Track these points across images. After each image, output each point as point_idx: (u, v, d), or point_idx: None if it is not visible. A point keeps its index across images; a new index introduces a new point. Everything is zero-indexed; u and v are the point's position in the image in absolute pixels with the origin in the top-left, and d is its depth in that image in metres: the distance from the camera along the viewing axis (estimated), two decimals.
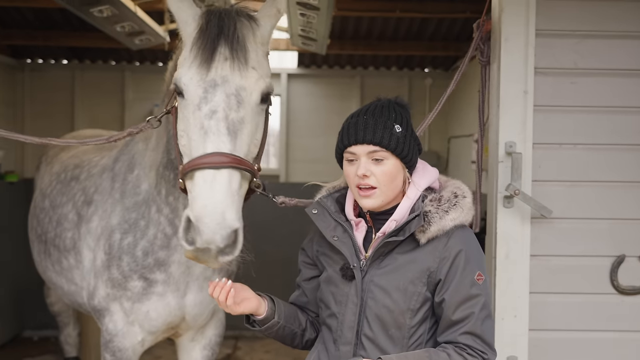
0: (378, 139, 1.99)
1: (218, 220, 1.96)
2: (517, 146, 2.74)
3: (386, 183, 2.01)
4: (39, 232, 3.63)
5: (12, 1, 5.48)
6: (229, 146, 2.07)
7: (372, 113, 2.05)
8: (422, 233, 1.99)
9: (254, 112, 2.16)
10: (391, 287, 2.00)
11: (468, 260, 1.98)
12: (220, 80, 2.13)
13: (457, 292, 1.96)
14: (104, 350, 2.96)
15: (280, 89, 7.19)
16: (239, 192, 2.07)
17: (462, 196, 2.05)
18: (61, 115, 6.92)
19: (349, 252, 2.06)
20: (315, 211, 2.14)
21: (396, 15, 5.85)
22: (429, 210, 2.01)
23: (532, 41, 2.73)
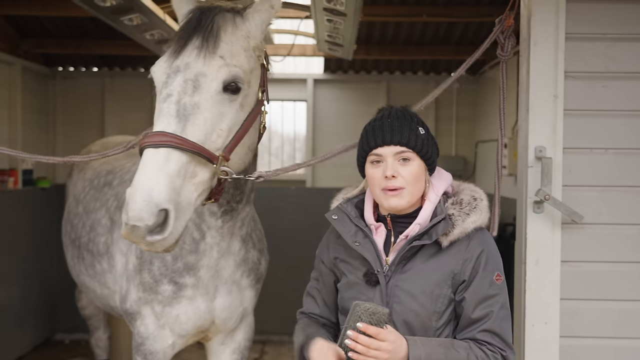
0: (405, 140, 2.03)
1: (144, 197, 1.95)
2: (547, 151, 2.71)
3: (413, 183, 2.04)
4: (73, 237, 3.69)
5: (45, 11, 5.60)
6: (174, 127, 2.07)
7: (396, 117, 2.09)
8: (444, 236, 2.02)
9: (214, 100, 2.16)
10: (417, 291, 2.02)
11: (488, 261, 2.03)
12: (183, 66, 2.17)
13: (477, 291, 2.01)
14: (136, 353, 2.99)
15: (307, 94, 7.21)
16: (182, 174, 2.04)
17: (480, 199, 2.11)
18: (91, 122, 7.04)
19: (371, 257, 2.07)
20: (335, 217, 2.17)
21: (423, 20, 5.83)
22: (452, 213, 2.06)
23: (561, 45, 2.70)
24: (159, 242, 2.00)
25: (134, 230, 1.95)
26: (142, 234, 1.96)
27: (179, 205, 2.03)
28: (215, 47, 2.18)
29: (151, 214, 1.94)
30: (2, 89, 6.05)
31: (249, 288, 3.04)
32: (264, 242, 3.19)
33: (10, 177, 5.93)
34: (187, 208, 2.08)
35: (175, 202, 2.01)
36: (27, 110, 6.43)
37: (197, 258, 2.83)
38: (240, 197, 2.72)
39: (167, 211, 1.98)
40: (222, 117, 2.19)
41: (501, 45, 2.59)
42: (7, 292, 5.77)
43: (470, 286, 2.01)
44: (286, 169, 2.44)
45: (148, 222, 1.94)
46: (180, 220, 2.04)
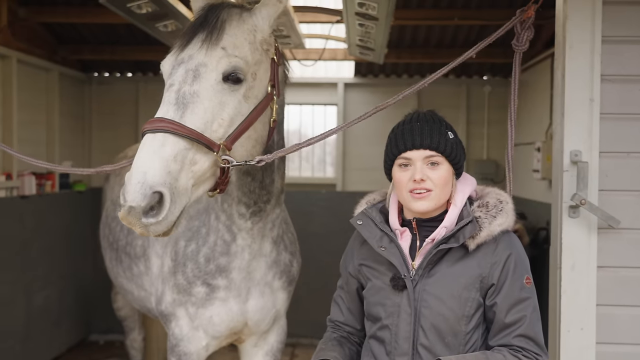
0: (435, 144, 2.04)
1: (139, 178, 1.97)
2: (582, 155, 2.68)
3: (441, 186, 2.05)
4: (111, 240, 3.76)
5: (82, 18, 5.73)
6: (172, 114, 2.11)
7: (425, 120, 2.09)
8: (471, 239, 2.02)
9: (215, 90, 2.19)
10: (445, 295, 2.02)
11: (517, 264, 2.02)
12: (187, 58, 2.22)
13: (509, 296, 1.99)
14: (170, 354, 3.04)
15: (337, 98, 7.22)
16: (179, 160, 2.05)
17: (506, 202, 2.10)
18: (126, 127, 7.15)
19: (398, 262, 2.07)
20: (360, 222, 2.17)
21: (454, 23, 5.81)
22: (478, 216, 2.05)
23: (598, 48, 2.67)
24: (153, 225, 2.01)
25: (131, 211, 1.97)
26: (137, 215, 1.97)
27: (176, 190, 2.04)
28: (218, 39, 2.23)
29: (144, 195, 1.96)
30: (40, 95, 6.20)
31: (281, 290, 3.06)
32: (296, 245, 3.20)
33: (47, 181, 6.06)
34: (183, 194, 2.08)
35: (171, 186, 2.02)
36: (64, 115, 6.57)
37: (229, 260, 2.86)
38: (268, 198, 2.74)
39: (161, 194, 1.99)
40: (223, 107, 2.21)
41: (517, 35, 2.54)
42: (44, 293, 5.90)
43: (501, 291, 2.00)
44: (285, 150, 2.42)
45: (141, 203, 1.95)
46: (176, 204, 2.04)
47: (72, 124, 6.83)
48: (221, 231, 2.85)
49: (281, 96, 2.58)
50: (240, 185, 2.68)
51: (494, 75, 7.17)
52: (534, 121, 6.07)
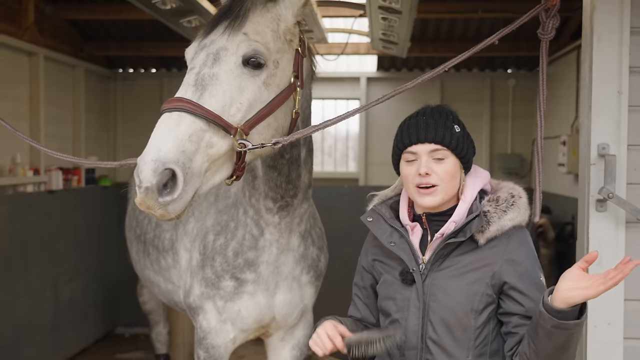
0: (440, 138, 2.03)
1: (152, 156, 1.93)
2: (610, 148, 2.64)
3: (447, 181, 2.03)
4: (138, 232, 3.80)
5: (107, 14, 5.79)
6: (190, 95, 2.09)
7: (431, 114, 2.08)
8: (480, 234, 2.00)
9: (234, 73, 2.17)
10: (454, 289, 2.00)
11: (531, 261, 2.02)
12: (208, 43, 2.21)
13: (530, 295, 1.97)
14: (198, 347, 3.06)
15: (360, 92, 7.21)
16: (194, 140, 2.02)
17: (519, 196, 2.07)
18: (150, 122, 7.00)
19: (407, 257, 2.07)
20: (370, 219, 2.17)
21: (478, 16, 5.75)
22: (487, 210, 2.03)
23: (626, 39, 2.62)
24: (170, 204, 1.97)
25: (147, 192, 1.93)
26: (155, 195, 1.93)
27: (190, 170, 2.01)
28: (240, 25, 2.23)
29: (156, 171, 1.92)
30: (67, 91, 6.29)
31: (309, 285, 3.07)
32: (323, 239, 3.21)
33: (74, 176, 6.15)
34: (197, 176, 2.05)
35: (184, 165, 1.98)
36: (90, 111, 6.66)
37: (257, 254, 2.87)
38: (295, 192, 2.74)
39: (173, 172, 1.96)
40: (242, 91, 2.19)
41: (542, 24, 2.49)
42: (71, 286, 6.00)
43: (522, 289, 1.98)
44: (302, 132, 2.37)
45: (153, 180, 1.91)
46: (189, 185, 2.01)
47: (97, 120, 6.92)
48: (249, 226, 2.87)
49: (306, 89, 2.58)
50: (266, 180, 2.69)
51: (519, 69, 7.10)
52: (560, 115, 6.00)
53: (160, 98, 7.25)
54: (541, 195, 2.26)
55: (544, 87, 2.35)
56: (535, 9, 2.43)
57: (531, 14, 2.45)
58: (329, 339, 1.99)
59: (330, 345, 1.99)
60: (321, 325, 2.06)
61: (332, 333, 2.00)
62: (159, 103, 7.21)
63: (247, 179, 2.78)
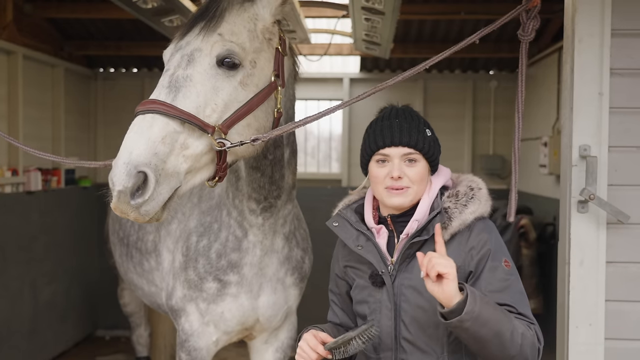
0: (414, 142, 2.06)
1: (124, 158, 1.93)
2: (591, 149, 2.65)
3: (418, 183, 2.07)
4: (121, 235, 3.75)
5: (88, 13, 5.73)
6: (164, 97, 2.08)
7: (404, 117, 2.10)
8: (444, 230, 2.01)
9: (208, 74, 2.16)
10: (423, 287, 1.98)
11: (494, 249, 2.01)
12: (184, 45, 2.21)
13: (491, 281, 1.98)
14: (180, 350, 3.03)
15: (343, 93, 7.20)
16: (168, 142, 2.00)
17: (478, 188, 2.10)
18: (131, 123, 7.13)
19: (375, 259, 2.08)
20: (336, 224, 2.19)
21: (461, 18, 5.77)
22: (448, 206, 2.05)
23: (607, 41, 2.64)
24: (141, 206, 1.96)
25: (120, 196, 1.93)
26: (127, 199, 1.93)
27: (163, 172, 1.99)
28: (216, 26, 2.22)
29: (129, 175, 1.92)
30: (46, 91, 6.20)
31: (293, 286, 3.05)
32: (308, 241, 3.19)
33: (53, 177, 6.07)
34: (173, 176, 2.03)
35: (157, 167, 1.97)
36: (70, 111, 6.57)
37: (240, 256, 2.85)
38: (278, 193, 2.72)
39: (145, 175, 1.95)
40: (217, 92, 2.18)
41: (523, 25, 2.49)
42: (50, 288, 5.91)
43: (481, 277, 1.99)
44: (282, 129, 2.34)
45: (127, 183, 1.91)
46: (163, 186, 2.00)
47: (77, 120, 6.84)
48: (233, 227, 2.85)
49: (289, 89, 2.56)
50: (249, 181, 2.67)
51: (500, 70, 7.13)
52: (541, 116, 6.04)
53: (142, 98, 7.17)
54: (517, 195, 2.26)
55: (522, 88, 2.37)
56: (516, 10, 2.43)
57: (512, 14, 2.44)
58: (312, 349, 2.02)
59: (315, 355, 2.01)
60: (302, 338, 2.08)
61: (314, 343, 2.02)
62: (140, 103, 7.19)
63: (231, 180, 2.76)
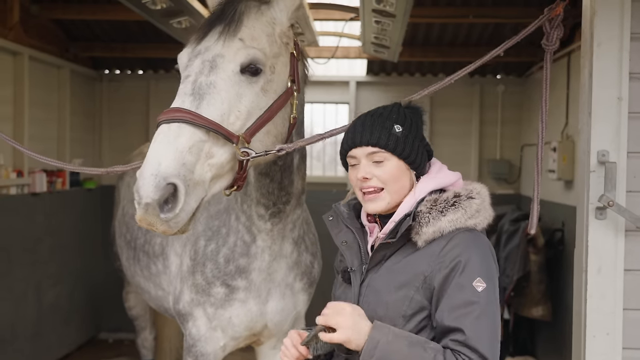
0: (375, 140, 1.93)
1: (152, 170, 1.88)
2: (610, 155, 2.60)
3: (391, 183, 1.95)
4: (129, 238, 3.72)
5: (94, 15, 5.69)
6: (189, 104, 2.04)
7: (372, 115, 2.00)
8: (417, 235, 1.90)
9: (232, 81, 2.12)
10: (384, 291, 1.92)
11: (467, 265, 1.84)
12: (203, 49, 2.16)
13: (452, 298, 1.83)
14: (187, 354, 2.99)
15: (349, 96, 7.16)
16: (195, 152, 1.97)
17: (467, 197, 1.94)
18: (136, 124, 7.12)
19: (350, 257, 2.02)
20: (330, 218, 2.12)
21: (469, 21, 5.74)
22: (420, 210, 1.91)
23: (626, 45, 2.59)
24: (172, 219, 1.92)
25: (148, 209, 1.88)
26: (156, 212, 1.88)
27: (191, 182, 1.96)
28: (235, 31, 2.17)
29: (157, 187, 1.87)
30: (52, 92, 6.17)
31: (302, 292, 3.01)
32: (317, 245, 3.15)
33: (58, 178, 6.04)
34: (200, 185, 2.00)
35: (185, 178, 1.93)
36: (75, 112, 6.54)
37: (249, 261, 2.81)
38: (287, 199, 2.69)
39: (175, 186, 1.91)
40: (240, 99, 2.14)
41: (547, 34, 2.46)
42: (54, 291, 5.88)
43: (445, 293, 1.84)
44: (307, 140, 2.35)
45: (155, 196, 1.86)
46: (192, 196, 1.96)
47: (83, 122, 6.81)
48: (241, 232, 2.81)
49: (301, 93, 2.52)
50: (258, 187, 2.63)
51: (508, 75, 7.09)
52: (550, 121, 5.95)
53: (147, 100, 7.16)
54: (539, 206, 2.21)
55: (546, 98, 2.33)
56: (539, 20, 2.42)
57: (536, 24, 2.44)
58: (293, 346, 1.95)
59: (295, 351, 1.94)
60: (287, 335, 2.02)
61: (295, 340, 1.96)
62: (146, 105, 7.19)
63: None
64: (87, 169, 2.73)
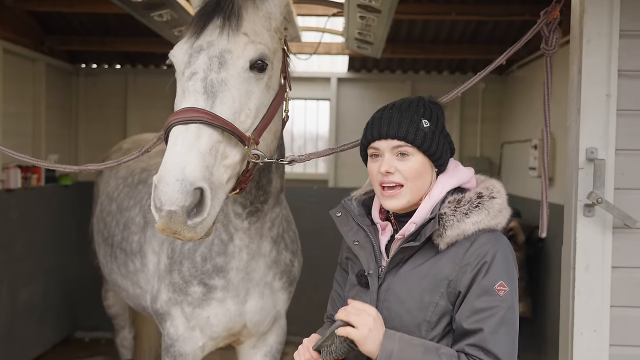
0: (403, 134, 1.87)
1: (177, 175, 1.81)
2: (598, 152, 2.60)
3: (413, 179, 1.88)
4: (106, 235, 3.64)
5: (71, 7, 5.56)
6: (203, 103, 1.98)
7: (399, 107, 1.93)
8: (440, 238, 1.83)
9: (242, 78, 2.08)
10: (407, 297, 1.86)
11: (490, 268, 1.79)
12: (206, 45, 2.09)
13: (473, 301, 1.79)
14: (165, 355, 2.95)
15: (330, 93, 7.13)
16: (214, 153, 1.93)
17: (489, 197, 1.87)
18: (114, 120, 7.00)
19: (365, 258, 1.94)
20: (339, 214, 2.05)
21: (452, 18, 5.73)
22: (444, 212, 1.85)
23: (615, 42, 2.59)
24: (200, 224, 1.86)
25: (172, 217, 1.80)
26: (182, 219, 1.81)
27: (213, 185, 1.91)
28: (238, 25, 2.11)
29: (186, 193, 1.80)
30: (27, 86, 6.02)
31: (281, 290, 2.97)
32: (297, 243, 3.11)
33: (33, 175, 5.90)
34: (219, 188, 1.96)
35: (209, 181, 1.89)
36: (51, 107, 6.40)
37: (226, 260, 2.77)
38: (265, 198, 2.64)
39: (202, 190, 1.85)
40: (250, 96, 2.10)
41: (545, 38, 2.47)
42: (28, 289, 5.75)
43: (468, 294, 1.80)
44: (319, 153, 2.34)
45: (185, 202, 1.79)
46: (215, 200, 1.92)
47: (58, 116, 6.66)
48: (218, 230, 2.75)
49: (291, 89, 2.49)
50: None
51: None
52: (531, 118, 6.02)
53: (125, 95, 7.04)
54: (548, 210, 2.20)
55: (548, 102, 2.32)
56: (537, 25, 2.44)
57: (535, 30, 2.47)
58: (306, 349, 1.90)
59: (308, 355, 1.89)
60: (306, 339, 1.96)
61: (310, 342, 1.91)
62: (123, 100, 7.06)
63: None
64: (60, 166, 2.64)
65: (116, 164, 2.61)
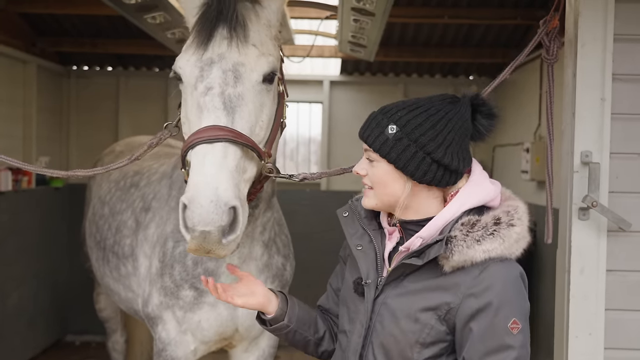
0: (366, 137, 1.80)
1: (211, 196, 1.82)
2: (593, 156, 2.62)
3: (377, 186, 1.80)
4: (98, 238, 3.62)
5: (62, 8, 5.53)
6: (225, 120, 1.98)
7: (384, 109, 1.82)
8: (445, 260, 1.71)
9: (256, 91, 2.08)
10: (401, 313, 1.76)
11: (502, 305, 1.66)
12: (217, 57, 2.08)
13: (485, 340, 1.67)
14: (157, 359, 2.93)
15: (323, 96, 7.13)
16: (239, 170, 1.95)
17: (507, 224, 1.71)
18: (105, 123, 6.96)
19: (366, 266, 1.84)
20: (346, 214, 1.96)
21: (444, 22, 5.75)
22: (454, 235, 1.70)
23: (610, 46, 2.61)
24: (232, 242, 1.89)
25: (207, 237, 1.81)
26: (217, 238, 1.83)
27: (242, 201, 1.96)
28: (245, 36, 2.10)
29: (222, 213, 1.82)
30: (17, 88, 5.98)
31: None
32: (289, 247, 3.09)
33: (24, 177, 5.85)
34: (245, 202, 2.00)
35: (240, 198, 1.94)
36: (42, 109, 6.35)
37: (217, 264, 2.75)
38: (256, 202, 2.62)
39: (235, 208, 1.88)
40: (263, 108, 2.12)
41: (546, 47, 2.50)
42: (18, 292, 5.71)
43: (477, 332, 1.67)
44: (329, 172, 2.36)
45: (221, 222, 1.81)
46: (244, 214, 1.96)
47: (49, 119, 6.62)
48: None
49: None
50: None
51: (480, 76, 7.14)
52: (522, 122, 6.05)
53: (117, 97, 7.00)
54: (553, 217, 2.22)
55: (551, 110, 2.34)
56: (538, 35, 2.48)
57: (536, 40, 2.49)
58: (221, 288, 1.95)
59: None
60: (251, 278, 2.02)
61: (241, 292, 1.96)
62: (115, 102, 7.02)
63: None
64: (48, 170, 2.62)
65: (104, 171, 2.57)
